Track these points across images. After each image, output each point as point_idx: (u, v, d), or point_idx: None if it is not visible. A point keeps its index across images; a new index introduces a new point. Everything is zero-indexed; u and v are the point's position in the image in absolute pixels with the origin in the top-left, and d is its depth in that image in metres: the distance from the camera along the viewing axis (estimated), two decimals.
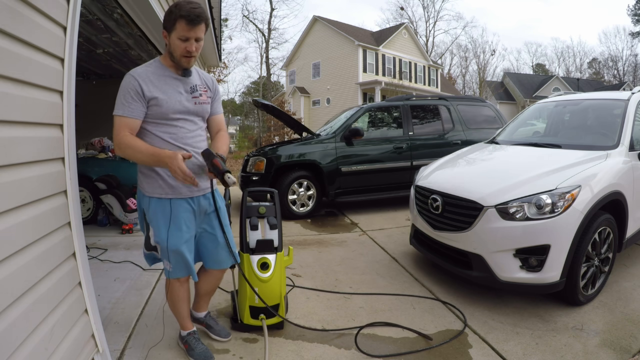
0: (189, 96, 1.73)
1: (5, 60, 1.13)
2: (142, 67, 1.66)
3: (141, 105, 1.61)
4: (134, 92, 1.58)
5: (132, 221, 4.33)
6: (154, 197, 1.73)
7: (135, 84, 1.58)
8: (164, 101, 1.63)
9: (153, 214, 1.74)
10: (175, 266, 1.78)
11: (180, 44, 1.60)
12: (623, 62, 37.85)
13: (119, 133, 1.58)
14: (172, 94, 1.67)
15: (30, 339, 1.21)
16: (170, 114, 1.67)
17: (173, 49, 1.63)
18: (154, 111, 1.64)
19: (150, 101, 1.62)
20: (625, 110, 2.96)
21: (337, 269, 3.23)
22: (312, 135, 5.53)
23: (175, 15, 1.55)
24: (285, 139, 14.72)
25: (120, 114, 1.59)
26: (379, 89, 20.64)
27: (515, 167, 2.84)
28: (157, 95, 1.62)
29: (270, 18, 23.06)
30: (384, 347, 2.08)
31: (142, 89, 1.59)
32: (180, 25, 1.56)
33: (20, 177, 1.21)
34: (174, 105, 1.66)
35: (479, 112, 6.08)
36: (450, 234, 2.64)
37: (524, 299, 2.56)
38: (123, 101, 1.58)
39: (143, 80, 1.60)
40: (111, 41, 4.44)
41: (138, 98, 1.59)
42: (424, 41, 34.63)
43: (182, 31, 1.57)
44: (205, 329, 2.14)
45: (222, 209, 1.89)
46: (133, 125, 1.61)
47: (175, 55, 1.64)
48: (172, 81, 1.69)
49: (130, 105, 1.59)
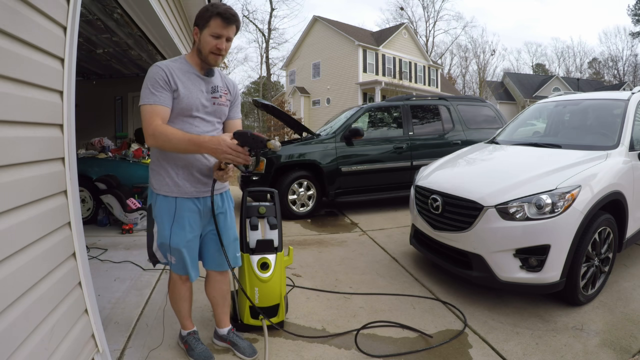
0: (209, 95, 1.73)
1: (5, 60, 1.12)
2: (167, 61, 1.67)
3: (170, 94, 1.61)
4: (163, 81, 1.58)
5: (132, 221, 4.33)
6: (161, 195, 1.73)
7: (162, 74, 1.59)
8: (184, 96, 1.64)
9: (158, 211, 1.74)
10: (177, 262, 1.79)
11: (211, 40, 1.62)
12: (623, 62, 37.92)
13: (152, 122, 1.55)
14: (193, 90, 1.67)
15: (30, 339, 1.21)
16: (188, 110, 1.66)
17: (203, 45, 1.64)
18: (174, 105, 1.64)
19: (173, 93, 1.62)
20: (625, 110, 2.96)
21: (337, 269, 3.23)
22: (312, 135, 5.53)
23: (211, 12, 1.59)
24: (285, 139, 14.72)
25: (151, 103, 1.57)
26: (379, 89, 20.64)
27: (515, 167, 2.84)
28: (180, 89, 1.63)
29: (270, 18, 23.14)
30: (384, 347, 2.08)
31: (170, 77, 1.60)
32: (215, 23, 1.59)
33: (20, 177, 1.21)
34: (193, 101, 1.66)
35: (479, 112, 6.08)
36: (450, 234, 2.64)
37: (524, 299, 2.56)
38: (152, 90, 1.57)
39: (169, 71, 1.61)
40: (111, 41, 4.44)
41: (167, 87, 1.59)
42: (424, 41, 34.68)
43: (216, 28, 1.60)
44: (230, 346, 2.02)
45: (227, 212, 1.88)
46: (164, 113, 1.59)
47: (204, 51, 1.64)
48: (195, 78, 1.69)
49: (161, 94, 1.58)
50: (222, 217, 1.85)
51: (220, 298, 1.99)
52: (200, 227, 1.81)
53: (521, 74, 36.48)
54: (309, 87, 25.11)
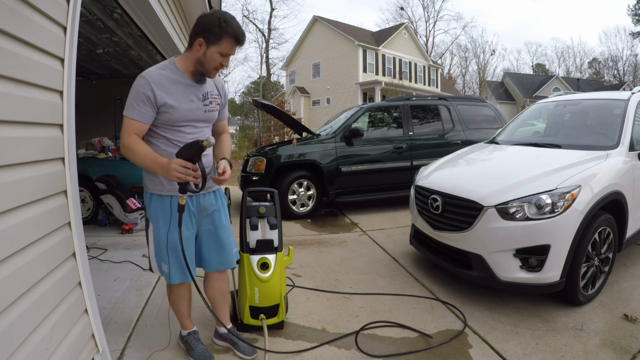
0: (200, 104, 1.72)
1: (5, 60, 1.12)
2: (156, 70, 1.64)
3: (151, 111, 1.61)
4: (145, 97, 1.57)
5: (132, 221, 4.33)
6: (155, 194, 1.75)
7: (146, 89, 1.57)
8: (174, 109, 1.63)
9: (154, 211, 1.77)
10: (173, 269, 1.77)
11: (218, 57, 1.61)
12: (623, 62, 37.88)
13: (126, 135, 1.60)
14: (183, 102, 1.66)
15: (30, 339, 1.21)
16: (178, 122, 1.67)
17: (208, 60, 1.61)
18: (164, 117, 1.64)
19: (161, 107, 1.61)
20: (625, 110, 2.96)
21: (337, 269, 3.23)
22: (312, 135, 5.53)
23: (225, 31, 1.56)
24: (285, 139, 14.72)
25: (129, 116, 1.59)
26: (379, 89, 20.63)
27: (515, 167, 2.84)
28: (169, 102, 1.61)
29: (270, 18, 23.03)
30: (384, 347, 2.08)
31: (155, 94, 1.58)
32: (227, 43, 1.59)
33: (20, 177, 1.21)
34: (184, 113, 1.67)
35: (479, 112, 6.08)
36: (450, 234, 2.64)
37: (524, 299, 2.56)
38: (134, 104, 1.58)
39: (156, 84, 1.59)
40: (111, 41, 4.44)
41: (149, 103, 1.59)
42: (424, 41, 34.61)
43: (227, 49, 1.60)
44: (230, 345, 2.02)
45: (222, 209, 1.90)
46: (141, 128, 1.62)
47: (208, 66, 1.63)
48: (184, 88, 1.67)
49: (141, 109, 1.58)
50: (217, 214, 1.87)
51: (219, 297, 1.99)
52: (195, 225, 1.82)
53: (521, 74, 36.47)
54: (309, 87, 25.09)
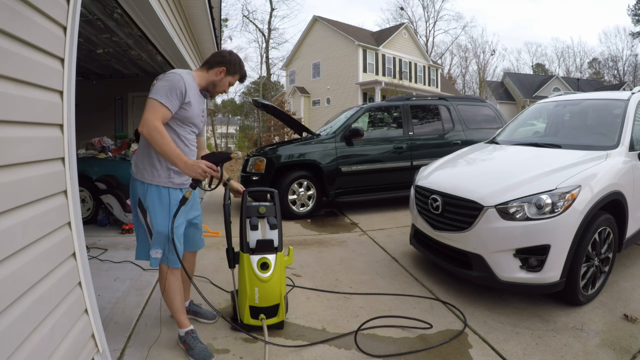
0: (202, 114, 2.06)
1: (5, 60, 1.12)
2: (185, 74, 1.87)
3: (179, 104, 1.83)
4: (180, 91, 1.80)
5: (132, 221, 4.33)
6: (153, 185, 1.87)
7: (182, 86, 1.81)
8: (192, 109, 1.89)
9: (151, 202, 1.87)
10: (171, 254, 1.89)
11: (226, 85, 2.04)
12: (623, 62, 37.81)
13: (156, 118, 1.73)
14: (196, 106, 1.94)
15: (30, 339, 1.21)
16: (189, 120, 1.91)
17: (220, 85, 2.01)
18: (182, 113, 1.86)
19: (184, 104, 1.85)
20: (625, 110, 2.96)
21: (337, 269, 3.23)
22: (312, 135, 5.53)
23: (240, 70, 2.05)
24: (285, 139, 14.72)
25: (162, 103, 1.75)
26: (379, 89, 20.63)
27: (515, 167, 2.84)
28: (192, 102, 1.88)
29: (270, 18, 23.08)
30: (384, 347, 2.08)
31: (186, 91, 1.83)
32: (237, 78, 2.07)
33: (20, 177, 1.21)
34: (195, 115, 1.94)
35: (479, 112, 6.08)
36: (450, 234, 2.64)
37: (524, 299, 2.56)
38: (168, 93, 1.77)
39: (187, 84, 1.84)
40: (111, 41, 4.44)
41: (180, 97, 1.82)
42: (424, 41, 34.60)
43: (234, 82, 2.08)
44: (193, 316, 2.30)
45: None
46: (166, 116, 1.79)
47: (218, 89, 2.02)
48: (198, 96, 1.97)
49: (173, 100, 1.79)
50: (196, 204, 2.17)
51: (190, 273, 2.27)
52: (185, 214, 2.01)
53: (521, 74, 36.44)
54: (309, 87, 25.09)
